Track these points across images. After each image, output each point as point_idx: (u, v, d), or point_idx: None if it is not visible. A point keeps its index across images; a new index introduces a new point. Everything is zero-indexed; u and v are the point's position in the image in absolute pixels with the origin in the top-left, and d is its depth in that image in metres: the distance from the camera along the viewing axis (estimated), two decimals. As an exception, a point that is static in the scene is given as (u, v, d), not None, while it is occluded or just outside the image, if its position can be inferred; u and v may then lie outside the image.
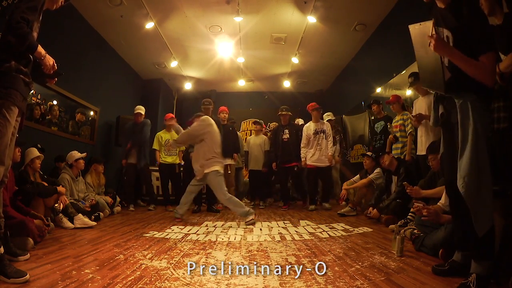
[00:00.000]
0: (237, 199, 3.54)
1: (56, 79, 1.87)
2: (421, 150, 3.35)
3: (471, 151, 1.40)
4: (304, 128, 4.86)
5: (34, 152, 3.12)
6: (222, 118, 5.11)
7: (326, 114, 5.36)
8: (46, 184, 3.01)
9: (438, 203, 2.25)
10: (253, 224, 3.31)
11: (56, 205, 2.99)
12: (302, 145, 4.78)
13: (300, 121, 5.74)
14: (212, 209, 4.49)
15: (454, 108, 1.51)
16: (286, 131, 4.97)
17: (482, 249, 1.39)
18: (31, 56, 1.65)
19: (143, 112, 4.91)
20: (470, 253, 1.45)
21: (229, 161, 5.13)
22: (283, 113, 5.01)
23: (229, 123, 5.21)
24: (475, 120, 1.42)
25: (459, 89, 1.50)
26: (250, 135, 5.80)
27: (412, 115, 3.47)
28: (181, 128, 3.90)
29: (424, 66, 1.63)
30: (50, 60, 1.70)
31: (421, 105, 3.39)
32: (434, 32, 1.44)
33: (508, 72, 1.71)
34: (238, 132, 5.57)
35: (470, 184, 1.40)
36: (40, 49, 1.63)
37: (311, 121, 4.88)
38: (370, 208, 3.55)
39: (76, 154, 3.82)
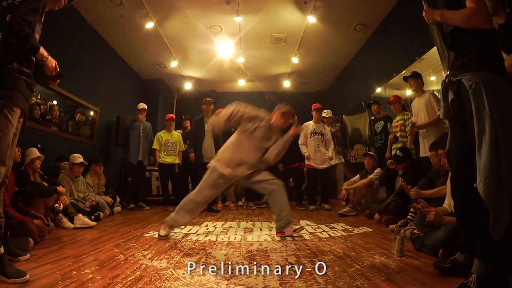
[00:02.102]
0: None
1: (59, 81, 1.88)
2: (423, 152, 3.35)
3: (490, 148, 1.28)
4: (303, 125, 4.88)
5: (34, 152, 3.12)
6: None
7: (324, 110, 5.36)
8: (46, 184, 3.01)
9: (443, 205, 2.25)
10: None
11: (56, 205, 2.99)
12: (300, 142, 4.78)
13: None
14: (212, 209, 4.49)
15: (466, 93, 1.39)
16: None
17: (492, 251, 1.31)
18: (33, 58, 1.65)
19: (146, 108, 5.12)
20: (475, 252, 1.38)
21: None
22: None
23: None
24: (492, 110, 1.29)
25: (467, 60, 1.44)
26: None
27: (410, 126, 3.52)
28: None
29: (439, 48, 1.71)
30: (52, 62, 1.70)
31: (419, 105, 3.41)
32: (425, 7, 1.62)
33: (511, 71, 1.70)
34: None
35: (492, 187, 1.27)
36: (42, 50, 1.62)
37: (311, 121, 4.89)
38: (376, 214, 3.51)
39: (77, 159, 3.71)
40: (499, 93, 1.35)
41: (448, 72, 1.59)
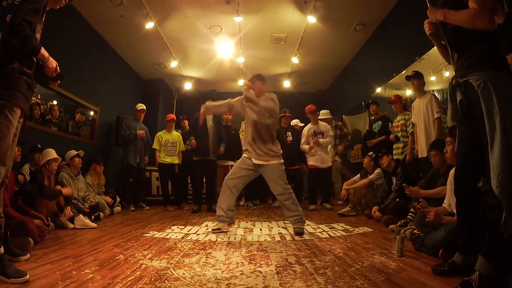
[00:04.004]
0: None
1: (59, 81, 1.88)
2: (421, 152, 3.36)
3: (502, 146, 1.29)
4: (304, 130, 4.90)
5: (51, 153, 3.05)
6: (226, 119, 5.14)
7: (321, 111, 5.37)
8: (59, 187, 3.03)
9: (443, 205, 2.25)
10: (301, 234, 2.72)
11: (61, 218, 2.94)
12: (302, 142, 4.82)
13: (295, 122, 5.74)
14: (212, 209, 4.48)
15: (474, 93, 1.40)
16: (289, 133, 5.00)
17: (498, 249, 1.31)
18: (34, 58, 1.65)
19: (145, 109, 5.16)
20: (481, 250, 1.37)
21: (231, 162, 5.15)
22: (287, 114, 5.02)
23: (232, 126, 5.28)
24: (502, 108, 1.31)
25: (472, 60, 1.45)
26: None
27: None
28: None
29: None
30: (53, 63, 1.70)
31: (419, 105, 3.41)
32: (429, 6, 1.63)
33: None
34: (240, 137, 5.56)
35: (504, 183, 1.29)
36: (43, 51, 1.62)
37: (310, 123, 4.90)
38: (375, 208, 3.52)
39: (72, 152, 3.81)
40: (508, 91, 1.36)
41: (453, 69, 1.60)
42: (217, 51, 6.16)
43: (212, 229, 2.88)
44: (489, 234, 1.35)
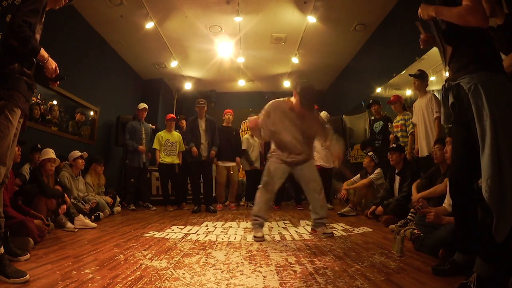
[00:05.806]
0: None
1: (59, 82, 1.88)
2: (422, 152, 3.35)
3: (491, 149, 1.28)
4: None
5: (48, 153, 3.04)
6: (227, 119, 5.14)
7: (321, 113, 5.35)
8: (60, 189, 3.03)
9: (443, 205, 2.25)
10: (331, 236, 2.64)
11: (61, 219, 2.93)
12: None
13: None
14: (210, 210, 4.48)
15: (466, 96, 1.40)
16: None
17: (495, 251, 1.29)
18: (33, 59, 1.66)
19: (147, 108, 5.17)
20: (479, 251, 1.36)
21: (231, 163, 5.15)
22: None
23: (233, 127, 5.28)
24: (492, 111, 1.30)
25: (463, 60, 1.44)
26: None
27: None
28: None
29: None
30: (52, 64, 1.70)
31: (420, 105, 3.40)
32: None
33: (509, 72, 1.70)
34: (241, 138, 5.54)
35: (493, 187, 1.27)
36: (42, 52, 1.62)
37: None
38: (373, 207, 3.51)
39: (76, 153, 3.82)
40: (498, 92, 1.35)
41: (446, 67, 1.60)
42: (217, 51, 6.16)
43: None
44: (486, 237, 1.35)
